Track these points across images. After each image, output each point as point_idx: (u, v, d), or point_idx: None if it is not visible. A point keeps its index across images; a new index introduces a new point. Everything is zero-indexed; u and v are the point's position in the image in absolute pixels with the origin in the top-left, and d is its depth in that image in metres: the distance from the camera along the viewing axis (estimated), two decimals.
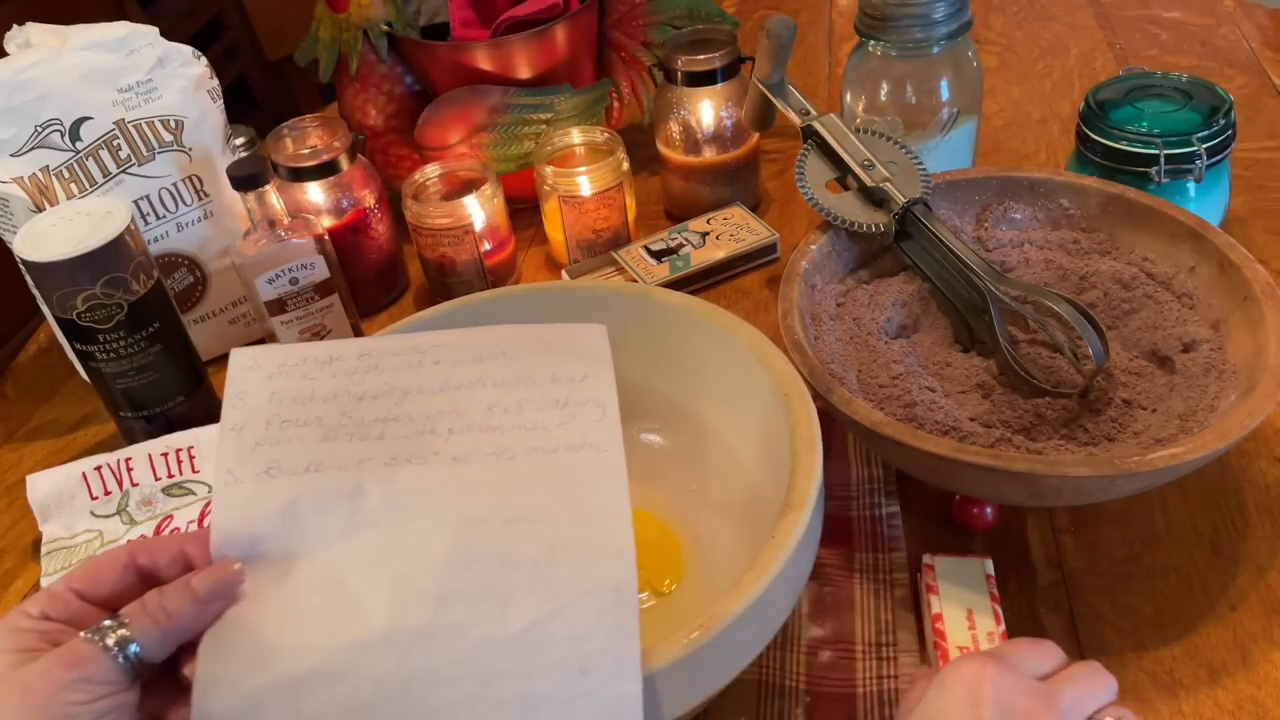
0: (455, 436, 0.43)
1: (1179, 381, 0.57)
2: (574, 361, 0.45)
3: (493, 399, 0.44)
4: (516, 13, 0.84)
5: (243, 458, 0.42)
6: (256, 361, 0.45)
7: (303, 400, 0.44)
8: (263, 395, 0.44)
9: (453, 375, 0.45)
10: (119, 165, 0.72)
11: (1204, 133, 0.67)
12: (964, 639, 0.50)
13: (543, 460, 0.42)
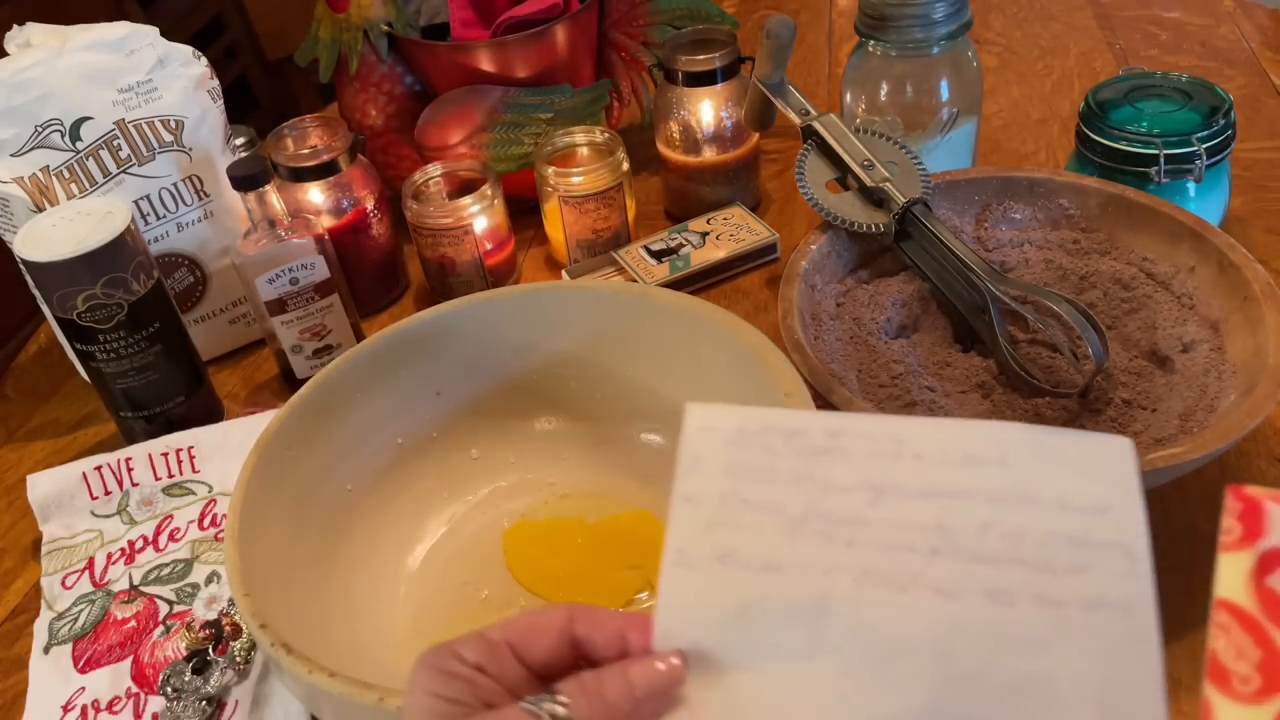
0: (939, 560, 0.35)
1: (1178, 381, 0.57)
2: (1090, 485, 0.34)
3: (986, 518, 0.35)
4: (516, 13, 0.84)
5: (695, 536, 0.36)
6: (713, 423, 0.39)
7: (763, 478, 0.37)
8: (719, 464, 0.38)
9: (937, 478, 0.36)
10: (119, 165, 0.72)
11: (1204, 133, 0.67)
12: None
13: (1048, 615, 0.33)
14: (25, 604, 0.64)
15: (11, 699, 0.59)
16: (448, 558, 0.60)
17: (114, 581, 0.63)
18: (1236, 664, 0.25)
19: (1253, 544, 0.26)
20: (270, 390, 0.78)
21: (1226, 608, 0.26)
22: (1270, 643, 0.25)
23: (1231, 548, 0.26)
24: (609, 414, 0.64)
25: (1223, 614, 0.26)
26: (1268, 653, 0.25)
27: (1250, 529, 0.26)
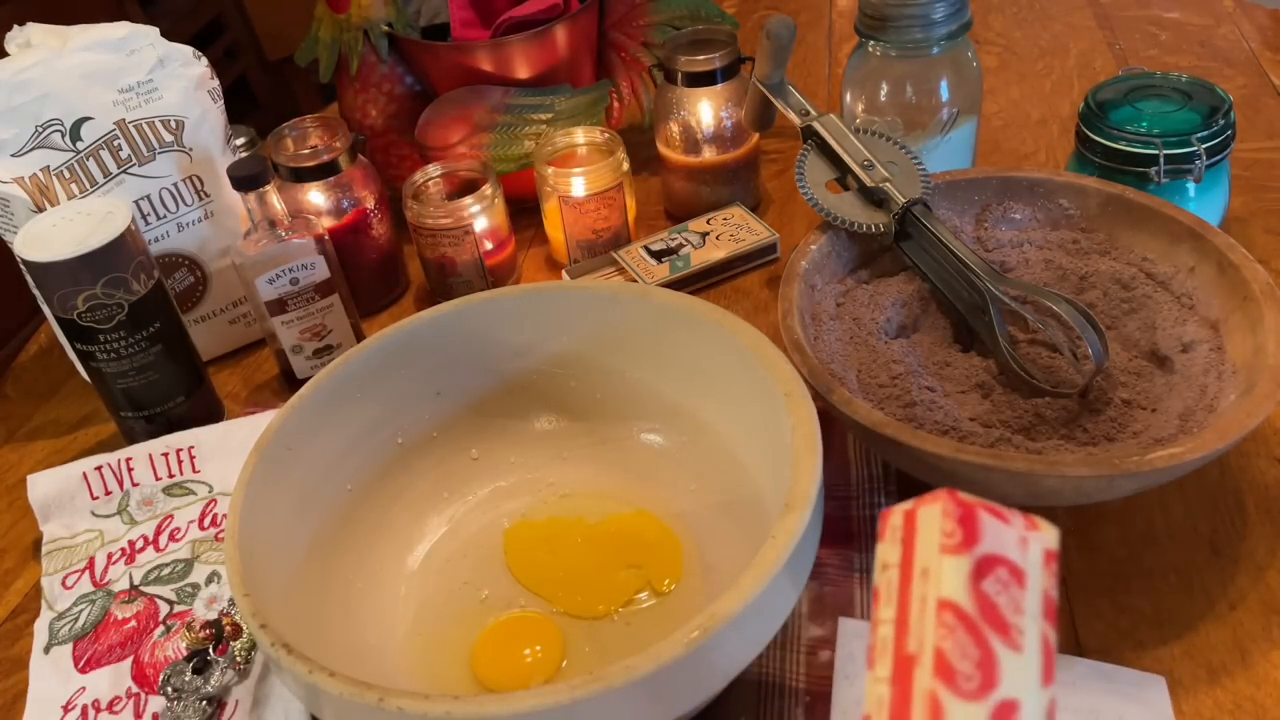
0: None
1: (1178, 381, 0.57)
2: (1140, 710, 0.47)
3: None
4: (517, 13, 0.84)
5: (853, 705, 0.45)
6: (862, 633, 0.50)
7: None
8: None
9: None
10: (119, 165, 0.72)
11: (1203, 133, 0.67)
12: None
13: None
14: (25, 604, 0.64)
15: (12, 699, 0.59)
16: (448, 558, 0.60)
17: (114, 581, 0.63)
18: (961, 663, 0.26)
19: (970, 550, 0.27)
20: (270, 390, 0.78)
21: (952, 610, 0.27)
22: (986, 644, 0.27)
23: (953, 551, 0.27)
24: (609, 414, 0.64)
25: (948, 614, 0.27)
26: (985, 653, 0.26)
27: (969, 535, 0.27)
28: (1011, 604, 0.27)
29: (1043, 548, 0.29)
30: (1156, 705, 0.49)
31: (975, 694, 0.26)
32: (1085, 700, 0.49)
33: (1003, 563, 0.27)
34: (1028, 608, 0.27)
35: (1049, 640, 0.28)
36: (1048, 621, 0.28)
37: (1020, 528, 0.28)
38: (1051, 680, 0.27)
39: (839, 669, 0.52)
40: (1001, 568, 0.27)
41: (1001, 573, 0.27)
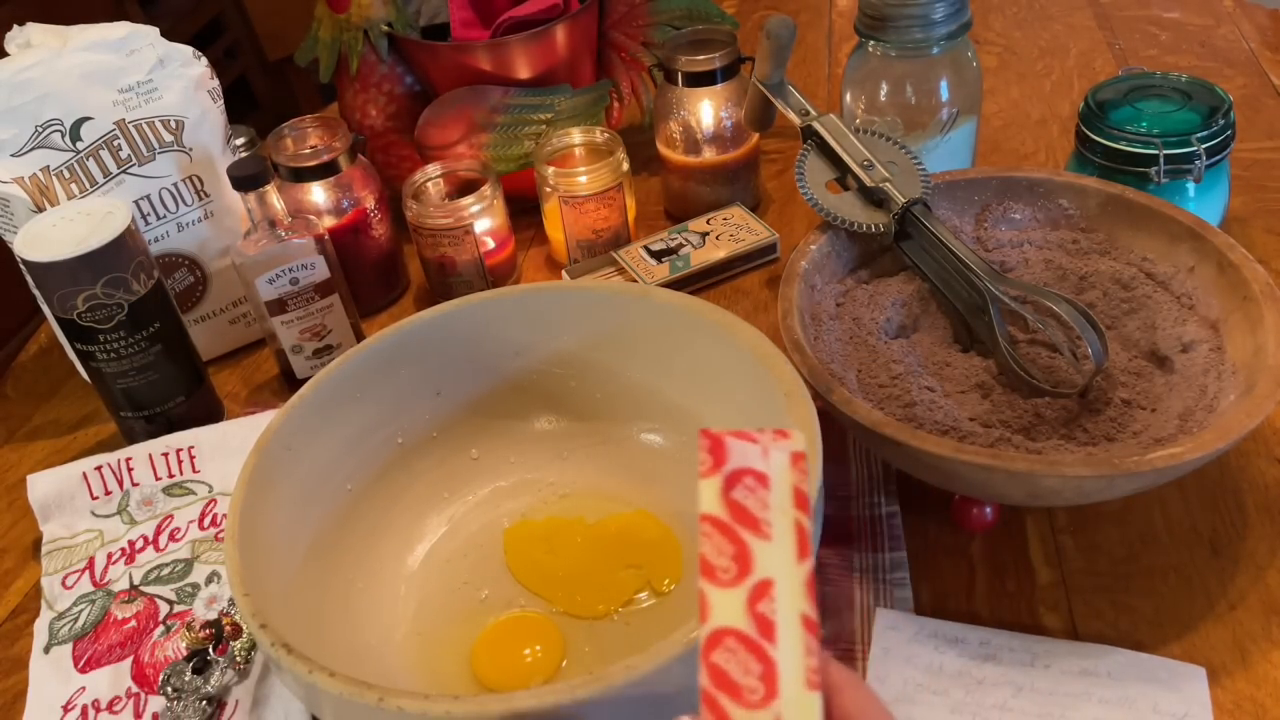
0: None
1: (1178, 381, 0.57)
2: (1175, 698, 0.48)
3: (1097, 715, 0.48)
4: (516, 13, 0.84)
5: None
6: (897, 625, 0.53)
7: (934, 671, 0.51)
8: (902, 656, 0.52)
9: (1062, 682, 0.50)
10: (119, 165, 0.72)
11: (1203, 133, 0.67)
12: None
13: None
14: (25, 604, 0.64)
15: (12, 699, 0.59)
16: (448, 557, 0.60)
17: (114, 581, 0.63)
18: (718, 560, 0.32)
19: (719, 469, 0.33)
20: (270, 390, 0.78)
21: (709, 520, 0.32)
22: (739, 539, 0.32)
23: (706, 474, 0.33)
24: (609, 414, 0.64)
25: (706, 525, 0.32)
26: (739, 547, 0.32)
27: (717, 459, 0.33)
28: (759, 503, 0.32)
29: (788, 452, 0.33)
30: (1193, 694, 0.49)
31: (733, 582, 0.31)
32: (1119, 690, 0.49)
33: (748, 473, 0.33)
34: (775, 503, 0.32)
35: (801, 525, 0.32)
36: (799, 510, 0.32)
37: (766, 441, 0.33)
38: (806, 557, 0.32)
39: (871, 668, 0.52)
40: (748, 477, 0.32)
41: (748, 480, 0.32)
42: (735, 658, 0.30)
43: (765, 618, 0.31)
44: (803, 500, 0.33)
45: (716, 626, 0.31)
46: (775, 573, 0.31)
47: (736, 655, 0.30)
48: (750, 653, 0.30)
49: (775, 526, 0.32)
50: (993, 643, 0.52)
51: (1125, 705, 0.49)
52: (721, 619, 0.31)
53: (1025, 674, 0.51)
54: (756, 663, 0.30)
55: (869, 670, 0.52)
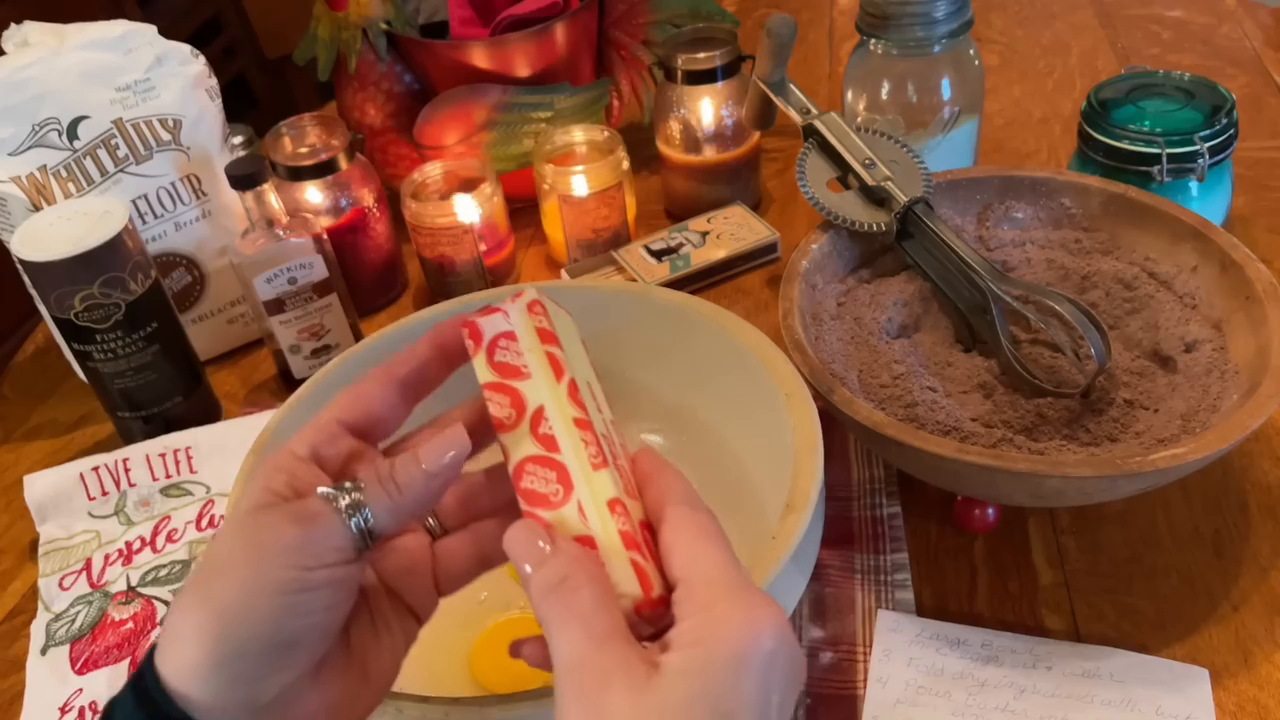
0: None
1: (1181, 381, 0.57)
2: (1178, 700, 0.49)
3: (1099, 717, 0.48)
4: (516, 11, 0.84)
5: (885, 709, 0.49)
6: (898, 627, 0.53)
7: (935, 673, 0.51)
8: (904, 658, 0.52)
9: (1064, 684, 0.50)
10: (117, 164, 0.72)
11: (1206, 132, 0.66)
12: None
13: None
14: (23, 605, 0.64)
15: (9, 700, 0.58)
16: None
17: (111, 583, 0.63)
18: (501, 412, 0.36)
19: (480, 345, 0.37)
20: (268, 390, 0.78)
21: (487, 387, 0.37)
22: (511, 389, 0.37)
23: (473, 354, 0.38)
24: None
25: (487, 392, 0.37)
26: (512, 395, 0.36)
27: (476, 339, 0.38)
28: (515, 354, 0.37)
29: (523, 304, 0.38)
30: (1196, 696, 0.49)
31: (514, 424, 0.36)
32: (1121, 692, 0.49)
33: (500, 336, 0.37)
34: (525, 348, 0.37)
35: (550, 354, 0.37)
36: (545, 344, 0.37)
37: (507, 306, 0.38)
38: (561, 376, 0.37)
39: (873, 669, 0.51)
40: (501, 339, 0.37)
41: (502, 342, 0.37)
42: (536, 477, 0.35)
43: (547, 436, 0.35)
44: (546, 336, 0.37)
45: (515, 462, 0.35)
46: (543, 399, 0.36)
47: (536, 474, 0.35)
48: (545, 467, 0.35)
49: (531, 365, 0.37)
50: (995, 644, 0.52)
51: (1128, 707, 0.48)
52: (518, 454, 0.35)
53: (1027, 676, 0.51)
54: (551, 472, 0.35)
55: (870, 672, 0.51)
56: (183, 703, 0.32)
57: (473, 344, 0.38)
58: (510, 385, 0.37)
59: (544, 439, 0.36)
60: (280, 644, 0.33)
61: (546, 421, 0.36)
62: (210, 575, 0.33)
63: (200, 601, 0.33)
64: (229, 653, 0.32)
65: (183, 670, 0.32)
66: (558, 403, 0.36)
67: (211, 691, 0.32)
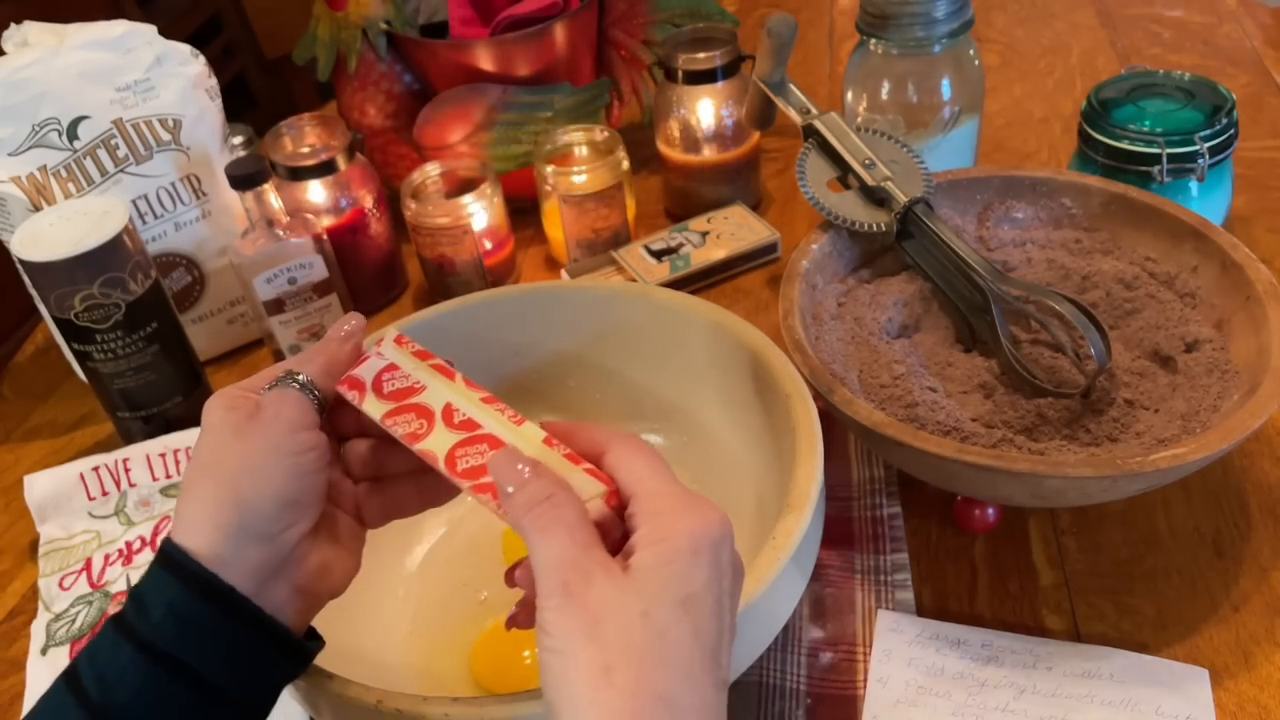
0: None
1: (1181, 382, 0.57)
2: (1178, 700, 0.49)
3: (1100, 717, 0.48)
4: (515, 11, 0.84)
5: (885, 709, 0.50)
6: (898, 628, 0.53)
7: (935, 673, 0.51)
8: (904, 658, 0.52)
9: (1064, 684, 0.50)
10: (117, 164, 0.72)
11: (1206, 132, 0.66)
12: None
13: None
14: (22, 605, 0.64)
15: (9, 700, 0.58)
16: (447, 558, 0.60)
17: (111, 583, 0.63)
18: (411, 428, 0.40)
19: (364, 389, 0.41)
20: None
21: (385, 419, 0.40)
22: (411, 406, 0.40)
23: (360, 402, 0.41)
24: (609, 414, 0.64)
25: (387, 422, 0.40)
26: (415, 410, 0.40)
27: (358, 388, 0.41)
28: (402, 378, 0.41)
29: (390, 341, 0.42)
30: (1196, 697, 0.49)
31: (426, 430, 0.39)
32: (1121, 692, 0.49)
33: (382, 372, 0.41)
34: (409, 369, 0.41)
35: (437, 364, 0.41)
36: (426, 361, 0.41)
37: (374, 350, 0.42)
38: (453, 376, 0.41)
39: (873, 670, 0.51)
40: (384, 374, 0.41)
41: (385, 376, 0.41)
42: (468, 455, 0.38)
43: (464, 421, 0.39)
44: (424, 355, 0.42)
45: (444, 457, 0.38)
46: (447, 397, 0.40)
47: (468, 453, 0.38)
48: (473, 445, 0.38)
49: (422, 378, 0.41)
50: (995, 644, 0.52)
51: (1128, 707, 0.48)
52: (443, 450, 0.38)
53: (1027, 676, 0.50)
54: (481, 445, 0.38)
55: (871, 672, 0.51)
56: (209, 563, 0.37)
57: (355, 394, 0.41)
58: (409, 404, 0.40)
59: (462, 424, 0.39)
60: (289, 501, 0.38)
61: (458, 411, 0.39)
62: (207, 462, 0.38)
63: (208, 481, 0.38)
64: (248, 514, 0.37)
65: (204, 539, 0.37)
66: (461, 394, 0.40)
67: (235, 551, 0.37)
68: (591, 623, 0.31)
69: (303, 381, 0.41)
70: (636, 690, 0.30)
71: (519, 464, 0.35)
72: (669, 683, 0.31)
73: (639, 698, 0.30)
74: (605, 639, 0.31)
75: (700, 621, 0.32)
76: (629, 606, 0.31)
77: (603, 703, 0.30)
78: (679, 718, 0.30)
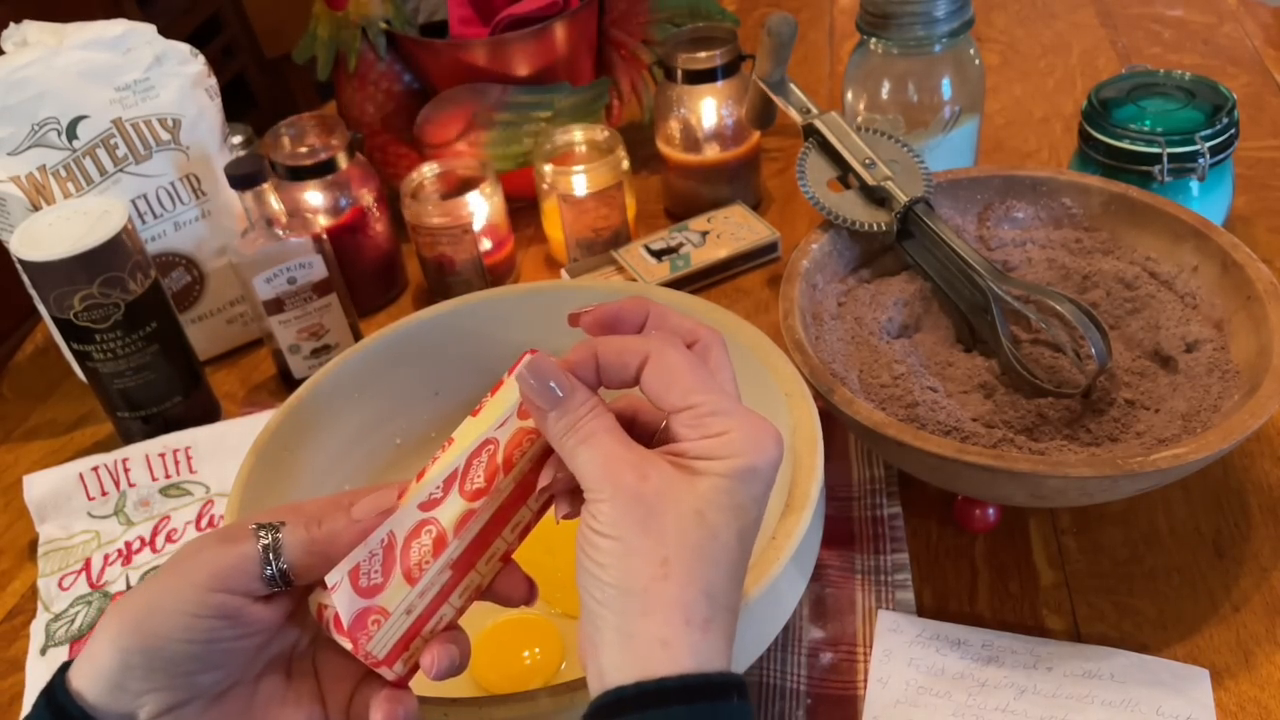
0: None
1: (1182, 381, 0.57)
2: (1179, 701, 0.49)
3: (1100, 718, 0.48)
4: (515, 10, 0.84)
5: (885, 709, 0.50)
6: (898, 628, 0.53)
7: (936, 673, 0.51)
8: (904, 658, 0.52)
9: (1064, 685, 0.50)
10: (116, 164, 0.72)
11: (1207, 131, 0.66)
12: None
13: None
14: (22, 605, 0.64)
15: (8, 701, 0.58)
16: None
17: (111, 583, 0.63)
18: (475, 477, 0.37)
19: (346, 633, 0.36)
20: (268, 390, 0.78)
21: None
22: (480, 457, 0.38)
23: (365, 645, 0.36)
24: None
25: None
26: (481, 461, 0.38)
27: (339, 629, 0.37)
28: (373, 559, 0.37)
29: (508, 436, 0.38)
30: (1197, 697, 0.49)
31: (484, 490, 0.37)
32: (1122, 693, 0.49)
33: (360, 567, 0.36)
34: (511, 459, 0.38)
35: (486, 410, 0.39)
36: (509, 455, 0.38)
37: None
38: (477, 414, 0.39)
39: (874, 670, 0.51)
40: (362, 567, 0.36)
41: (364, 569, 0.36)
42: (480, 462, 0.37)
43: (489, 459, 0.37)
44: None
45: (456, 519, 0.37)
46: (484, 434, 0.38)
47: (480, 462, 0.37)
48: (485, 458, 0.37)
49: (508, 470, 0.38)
50: (995, 645, 0.52)
51: (1128, 708, 0.48)
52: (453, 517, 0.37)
53: (1028, 676, 0.50)
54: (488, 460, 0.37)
55: (871, 672, 0.51)
56: (80, 700, 0.34)
57: (349, 643, 0.36)
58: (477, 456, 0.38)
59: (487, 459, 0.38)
60: (163, 662, 0.34)
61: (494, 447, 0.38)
62: (141, 584, 0.36)
63: (117, 605, 0.35)
64: (118, 660, 0.34)
65: (84, 668, 0.35)
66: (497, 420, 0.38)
67: (97, 694, 0.34)
68: (647, 514, 0.33)
69: (267, 544, 0.36)
70: (688, 583, 0.33)
71: (552, 382, 0.36)
72: (716, 579, 0.33)
73: (689, 589, 0.33)
74: (663, 533, 0.33)
75: (745, 529, 0.34)
76: (684, 504, 0.33)
77: (659, 591, 0.32)
78: (717, 613, 0.33)
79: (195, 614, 0.34)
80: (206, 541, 0.36)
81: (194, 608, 0.34)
